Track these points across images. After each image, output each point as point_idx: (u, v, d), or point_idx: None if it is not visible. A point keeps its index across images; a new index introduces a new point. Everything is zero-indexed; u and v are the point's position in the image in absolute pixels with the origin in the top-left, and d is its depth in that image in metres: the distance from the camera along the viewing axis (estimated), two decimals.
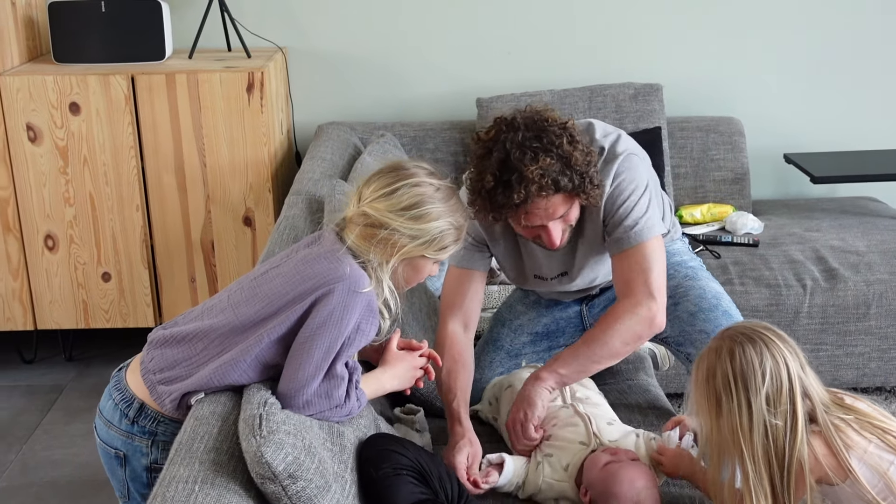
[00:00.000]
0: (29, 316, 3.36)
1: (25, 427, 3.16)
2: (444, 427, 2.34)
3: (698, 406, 1.76)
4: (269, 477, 1.57)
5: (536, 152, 1.94)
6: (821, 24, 3.65)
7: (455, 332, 2.23)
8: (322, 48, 3.65)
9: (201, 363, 1.81)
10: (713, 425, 1.73)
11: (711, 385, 1.72)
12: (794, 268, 3.11)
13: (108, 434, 1.89)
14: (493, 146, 1.98)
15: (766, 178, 3.79)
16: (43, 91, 3.13)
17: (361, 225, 1.81)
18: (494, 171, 1.95)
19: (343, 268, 1.77)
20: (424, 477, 1.84)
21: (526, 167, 1.92)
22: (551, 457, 2.02)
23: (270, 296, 1.80)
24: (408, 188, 1.81)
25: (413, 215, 1.80)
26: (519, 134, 1.96)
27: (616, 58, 3.67)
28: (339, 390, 1.79)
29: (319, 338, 1.74)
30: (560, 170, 1.95)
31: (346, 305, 1.75)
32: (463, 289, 2.25)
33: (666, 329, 2.35)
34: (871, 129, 3.75)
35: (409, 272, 1.88)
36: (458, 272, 2.27)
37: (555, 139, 1.97)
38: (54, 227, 3.27)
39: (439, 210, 1.82)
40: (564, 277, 2.28)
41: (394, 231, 1.79)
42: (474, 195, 2.02)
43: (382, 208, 1.80)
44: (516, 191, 1.93)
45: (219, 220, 3.30)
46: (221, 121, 3.19)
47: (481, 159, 2.00)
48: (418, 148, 3.51)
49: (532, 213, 2.00)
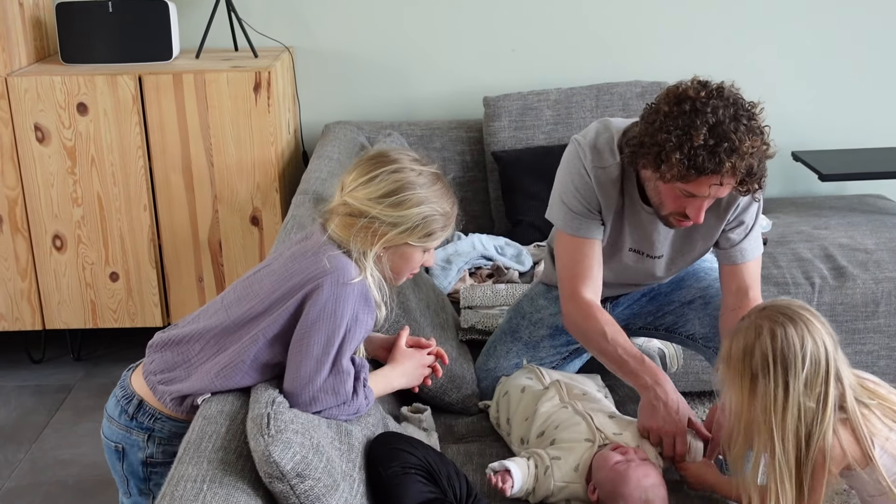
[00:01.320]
0: (37, 316, 3.37)
1: (34, 427, 3.17)
2: (452, 425, 2.34)
3: (730, 382, 1.74)
4: (277, 476, 1.57)
5: (748, 130, 1.93)
6: (828, 22, 3.64)
7: (589, 298, 2.19)
8: (329, 48, 3.65)
9: (199, 364, 1.83)
10: (745, 403, 1.71)
11: (748, 363, 1.70)
12: (803, 266, 3.10)
13: (110, 429, 1.92)
14: (703, 107, 1.93)
15: (774, 176, 3.78)
16: (51, 91, 3.14)
17: (342, 215, 1.79)
18: (704, 133, 1.91)
19: (330, 261, 1.75)
20: (433, 476, 1.83)
21: (740, 141, 1.91)
22: (559, 460, 2.01)
23: (260, 294, 1.80)
24: (387, 175, 1.78)
25: (393, 202, 1.77)
26: (730, 107, 1.94)
27: (623, 56, 3.66)
28: (345, 386, 1.79)
29: (316, 333, 1.74)
30: (761, 154, 1.96)
31: (337, 298, 1.74)
32: (584, 257, 2.20)
33: (696, 326, 2.36)
34: (880, 127, 3.73)
35: (397, 261, 1.84)
36: (575, 241, 2.20)
37: (760, 123, 1.97)
38: (62, 227, 3.27)
39: (421, 196, 1.79)
40: (660, 260, 2.29)
41: (374, 219, 1.77)
42: (671, 146, 1.93)
43: (362, 196, 1.78)
44: (726, 160, 1.90)
45: (226, 220, 3.30)
46: (229, 120, 3.19)
47: (685, 115, 1.94)
48: (425, 147, 3.50)
49: (720, 185, 1.97)
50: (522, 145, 3.42)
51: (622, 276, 2.38)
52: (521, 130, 3.45)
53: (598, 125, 2.21)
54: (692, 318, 2.42)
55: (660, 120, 1.98)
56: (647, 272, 2.34)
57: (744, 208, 2.19)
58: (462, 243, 3.21)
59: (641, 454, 1.98)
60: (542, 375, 2.29)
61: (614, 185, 2.16)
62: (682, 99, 1.96)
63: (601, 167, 2.16)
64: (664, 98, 2.00)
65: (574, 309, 2.21)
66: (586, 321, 2.18)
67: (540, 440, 2.11)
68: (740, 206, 2.19)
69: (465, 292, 2.84)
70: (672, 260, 2.31)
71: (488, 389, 2.42)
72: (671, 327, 2.48)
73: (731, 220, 2.20)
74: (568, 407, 2.12)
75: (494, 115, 3.46)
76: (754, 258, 2.24)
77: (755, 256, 2.24)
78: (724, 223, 2.20)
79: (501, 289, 2.85)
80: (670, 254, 2.29)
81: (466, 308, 2.78)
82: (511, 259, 3.18)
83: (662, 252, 2.28)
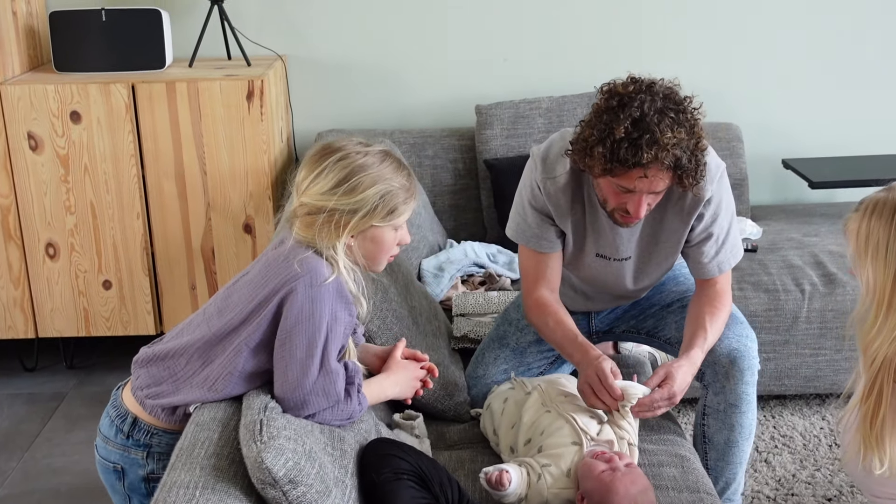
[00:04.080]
0: (30, 324, 3.37)
1: (27, 435, 3.16)
2: (444, 432, 2.35)
3: (874, 253, 1.72)
4: (269, 482, 1.58)
5: (672, 122, 1.96)
6: (819, 30, 3.66)
7: (543, 295, 2.30)
8: (321, 56, 3.66)
9: (186, 378, 1.83)
10: (888, 276, 1.68)
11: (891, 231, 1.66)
12: (793, 273, 3.11)
13: (106, 450, 1.92)
14: (629, 101, 1.97)
15: (765, 184, 3.80)
16: (44, 100, 3.15)
17: (302, 215, 1.79)
18: (626, 126, 1.95)
19: (301, 264, 1.75)
20: (425, 481, 1.84)
21: (661, 133, 1.94)
22: (550, 466, 2.01)
23: (239, 304, 1.80)
24: (333, 164, 1.78)
25: (346, 189, 1.76)
26: (657, 100, 1.98)
27: (614, 64, 3.66)
28: (335, 386, 1.79)
29: (297, 336, 1.74)
30: (687, 147, 1.99)
31: (313, 299, 1.74)
32: (543, 266, 2.31)
33: (672, 331, 2.38)
34: (870, 135, 3.75)
35: (369, 246, 1.84)
36: (535, 255, 2.32)
37: (689, 117, 2.01)
38: (55, 235, 3.28)
39: (373, 175, 1.78)
40: (627, 262, 2.31)
41: (333, 211, 1.76)
42: (593, 140, 2.00)
43: (315, 192, 1.77)
44: (646, 151, 1.94)
45: (219, 228, 3.31)
46: (221, 129, 3.20)
47: (611, 110, 1.99)
48: (417, 154, 3.52)
49: (645, 177, 2.00)
50: (514, 153, 3.43)
51: (595, 284, 2.42)
52: (513, 138, 3.46)
53: (556, 135, 2.26)
54: (670, 321, 2.44)
55: (590, 116, 2.05)
56: (618, 277, 2.35)
57: (711, 219, 2.21)
58: (454, 251, 3.22)
59: (627, 459, 1.98)
60: (525, 384, 2.29)
61: (565, 193, 2.21)
62: (612, 94, 2.02)
63: (551, 178, 2.20)
64: (598, 96, 2.07)
65: (527, 304, 2.34)
66: (536, 315, 2.31)
67: (527, 448, 2.11)
68: (707, 217, 2.20)
69: (457, 300, 2.85)
70: (640, 263, 2.33)
71: (479, 396, 2.43)
72: (651, 331, 2.50)
73: (697, 229, 2.22)
74: (551, 411, 2.12)
75: (486, 123, 3.47)
76: (729, 268, 2.30)
77: (731, 266, 2.30)
78: (688, 227, 2.22)
79: (494, 296, 2.86)
80: (637, 255, 2.31)
81: (459, 315, 2.79)
82: (503, 266, 3.19)
83: (629, 254, 2.30)
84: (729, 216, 2.24)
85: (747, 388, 2.30)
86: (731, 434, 2.34)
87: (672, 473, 2.14)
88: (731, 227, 2.26)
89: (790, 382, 3.14)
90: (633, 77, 2.04)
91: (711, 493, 2.11)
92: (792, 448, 2.98)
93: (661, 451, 2.23)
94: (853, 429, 1.83)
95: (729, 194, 2.24)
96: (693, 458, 2.23)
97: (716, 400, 2.32)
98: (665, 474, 2.14)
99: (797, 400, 3.25)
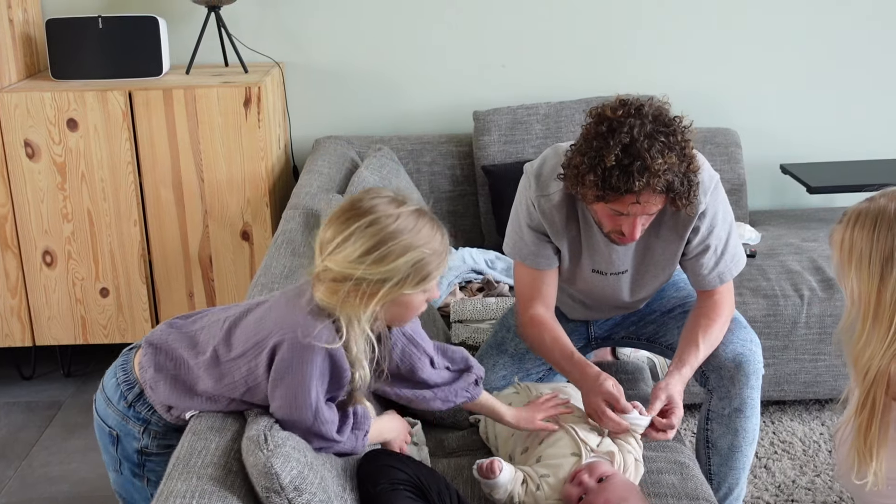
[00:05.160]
0: (27, 332, 3.36)
1: (24, 443, 3.16)
2: (442, 439, 2.35)
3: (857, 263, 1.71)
4: (275, 489, 1.58)
5: (663, 147, 1.94)
6: (816, 35, 3.66)
7: (539, 312, 2.28)
8: (319, 63, 3.66)
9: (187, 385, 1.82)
10: (872, 286, 1.67)
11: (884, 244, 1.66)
12: (792, 278, 3.11)
13: (106, 411, 1.90)
14: (618, 127, 1.95)
15: (763, 189, 3.80)
16: (41, 107, 3.14)
17: (327, 281, 1.67)
18: (617, 153, 1.93)
19: (297, 318, 1.67)
20: (423, 491, 1.83)
21: (652, 159, 1.92)
22: (548, 477, 2.00)
23: (241, 339, 1.76)
24: (361, 231, 1.64)
25: (376, 258, 1.63)
26: (647, 124, 1.95)
27: (612, 70, 3.68)
28: (329, 432, 1.74)
29: (284, 387, 1.69)
30: (678, 171, 1.97)
31: (301, 359, 1.66)
32: (539, 283, 2.29)
33: (674, 336, 2.37)
34: (868, 139, 3.76)
35: (397, 312, 1.74)
36: (531, 272, 2.30)
37: (679, 139, 1.98)
38: (52, 242, 3.27)
39: (405, 243, 1.66)
40: (623, 276, 2.31)
41: (360, 280, 1.63)
42: (584, 168, 1.99)
43: (341, 259, 1.64)
44: (637, 179, 1.92)
45: (216, 235, 3.30)
46: (219, 136, 3.20)
47: (601, 136, 1.97)
48: (415, 161, 3.52)
49: (638, 203, 1.99)
50: (512, 159, 3.43)
51: (593, 297, 2.41)
52: (511, 144, 3.46)
53: (549, 151, 2.24)
54: (672, 327, 2.43)
55: (580, 142, 2.04)
56: (615, 290, 2.35)
57: (708, 231, 2.20)
58: (452, 257, 3.21)
59: (599, 471, 1.96)
60: (530, 390, 2.29)
61: (560, 210, 2.19)
62: (601, 119, 2.00)
63: (545, 195, 2.19)
64: (587, 119, 2.05)
65: (524, 322, 2.32)
66: (531, 332, 2.29)
67: (525, 456, 2.10)
68: (703, 229, 2.19)
69: (455, 306, 2.84)
70: (637, 276, 2.32)
71: None
72: (652, 337, 2.49)
73: (694, 242, 2.21)
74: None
75: (484, 129, 3.47)
76: (731, 278, 2.28)
77: (733, 275, 2.28)
78: (683, 240, 2.21)
79: (492, 302, 2.85)
80: (633, 268, 2.30)
81: (457, 322, 2.79)
82: (501, 272, 3.18)
83: (625, 267, 2.29)
84: (727, 227, 2.23)
85: (752, 392, 2.29)
86: (735, 439, 2.34)
87: (671, 480, 2.13)
88: (729, 237, 2.24)
89: (790, 388, 3.13)
90: (622, 99, 2.01)
91: (711, 500, 2.10)
92: (792, 454, 2.97)
93: (660, 457, 2.23)
94: (848, 441, 1.83)
95: (725, 205, 2.23)
96: (692, 464, 2.23)
97: (720, 405, 2.32)
98: (664, 481, 2.13)
99: (797, 405, 3.24)
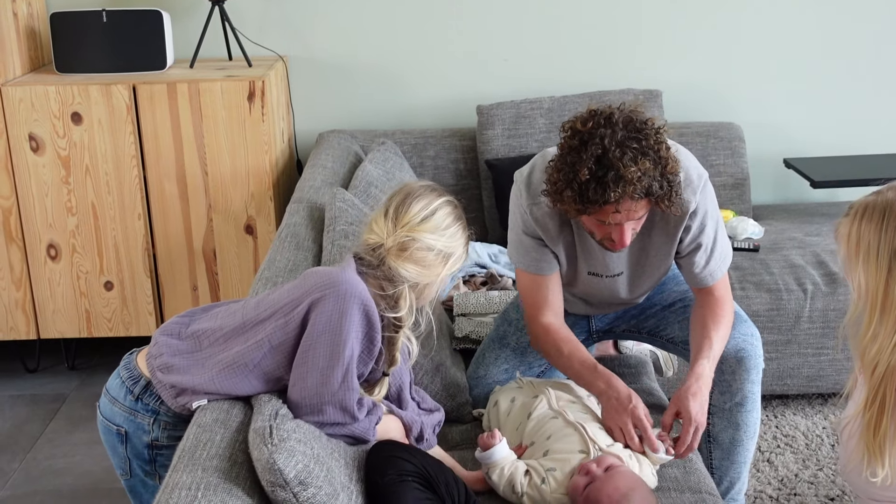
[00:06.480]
0: (32, 325, 3.37)
1: (29, 436, 3.17)
2: (446, 433, 2.34)
3: (865, 257, 1.70)
4: (280, 484, 1.58)
5: (636, 153, 1.93)
6: (820, 29, 3.66)
7: (551, 322, 2.27)
8: (322, 56, 3.66)
9: (203, 359, 1.83)
10: (879, 280, 1.66)
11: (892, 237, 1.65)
12: (795, 272, 3.11)
13: (112, 410, 1.91)
14: (590, 139, 1.95)
15: (767, 183, 3.80)
16: (45, 101, 3.15)
17: (412, 249, 1.85)
18: (590, 166, 1.93)
19: (341, 275, 1.76)
20: (430, 483, 1.83)
21: (625, 167, 1.91)
22: (554, 471, 2.00)
23: (273, 301, 1.82)
24: (442, 207, 1.90)
25: (451, 234, 1.89)
26: (618, 132, 1.94)
27: (615, 64, 3.68)
28: (352, 402, 1.79)
29: (321, 346, 1.74)
30: (655, 175, 1.96)
31: (342, 312, 1.74)
32: (542, 289, 2.28)
33: (675, 330, 2.37)
34: (871, 134, 3.75)
35: (424, 290, 1.90)
36: (532, 277, 2.28)
37: (652, 143, 1.97)
38: (57, 236, 3.28)
39: (464, 226, 1.94)
40: (620, 277, 2.31)
41: (438, 252, 1.86)
42: (561, 184, 2.00)
43: (430, 227, 1.87)
44: (612, 189, 1.92)
45: (220, 229, 3.31)
46: (223, 129, 3.20)
47: (574, 150, 1.97)
48: (419, 155, 3.52)
49: (618, 212, 2.00)
50: (516, 153, 3.43)
51: (592, 297, 2.42)
52: (515, 139, 3.46)
53: (538, 157, 2.23)
54: (672, 321, 2.44)
55: (556, 158, 2.04)
56: (612, 290, 2.35)
57: (699, 229, 2.20)
58: None
59: (606, 462, 1.97)
60: (533, 386, 2.29)
61: (553, 218, 2.19)
62: (573, 133, 2.00)
63: (536, 204, 2.19)
64: (561, 134, 2.05)
65: (535, 331, 2.30)
66: (545, 341, 2.27)
67: (532, 450, 2.10)
68: (694, 228, 2.19)
69: (458, 300, 2.84)
70: (633, 276, 2.32)
71: (480, 397, 2.42)
72: (653, 330, 2.49)
73: (686, 240, 2.21)
74: (558, 417, 2.11)
75: (488, 123, 3.47)
76: (723, 276, 2.28)
77: (723, 273, 2.28)
78: (676, 239, 2.21)
79: (495, 296, 2.86)
80: (629, 269, 2.30)
81: (460, 316, 2.79)
82: (505, 266, 3.18)
83: (621, 269, 2.29)
84: (714, 224, 2.23)
85: (753, 386, 2.30)
86: (736, 433, 2.34)
87: (674, 474, 2.14)
88: (717, 234, 2.24)
89: (792, 382, 3.13)
90: (592, 110, 2.01)
91: (714, 493, 2.10)
92: (794, 448, 2.98)
93: None
94: (856, 437, 1.83)
95: (714, 202, 2.22)
96: (695, 458, 2.23)
97: (721, 399, 2.32)
98: (667, 475, 2.13)
99: (799, 399, 3.25)
